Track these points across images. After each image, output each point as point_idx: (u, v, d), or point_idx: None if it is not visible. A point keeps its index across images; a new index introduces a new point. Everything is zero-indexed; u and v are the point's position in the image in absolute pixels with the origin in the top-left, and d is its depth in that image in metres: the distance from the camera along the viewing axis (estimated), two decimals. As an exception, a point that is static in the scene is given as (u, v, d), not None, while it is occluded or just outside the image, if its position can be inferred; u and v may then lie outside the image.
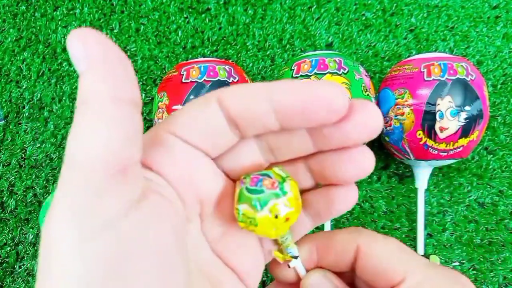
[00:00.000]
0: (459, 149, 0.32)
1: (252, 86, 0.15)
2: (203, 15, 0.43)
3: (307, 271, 0.20)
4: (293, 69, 0.33)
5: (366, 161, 0.16)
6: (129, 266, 0.12)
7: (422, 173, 0.35)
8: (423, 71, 0.32)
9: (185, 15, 0.43)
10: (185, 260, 0.15)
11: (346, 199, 0.18)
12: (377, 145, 0.39)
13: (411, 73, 0.33)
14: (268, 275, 0.37)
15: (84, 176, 0.12)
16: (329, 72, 0.32)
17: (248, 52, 0.42)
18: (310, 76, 0.32)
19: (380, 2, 0.43)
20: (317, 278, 0.20)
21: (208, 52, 0.42)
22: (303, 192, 0.19)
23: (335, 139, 0.16)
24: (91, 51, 0.12)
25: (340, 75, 0.32)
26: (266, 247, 0.19)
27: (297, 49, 0.42)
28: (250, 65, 0.42)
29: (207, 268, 0.17)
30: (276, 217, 0.16)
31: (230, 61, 0.40)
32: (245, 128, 0.16)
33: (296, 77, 0.32)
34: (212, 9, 0.43)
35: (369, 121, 0.15)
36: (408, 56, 0.38)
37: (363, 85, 0.33)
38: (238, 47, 0.42)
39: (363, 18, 0.42)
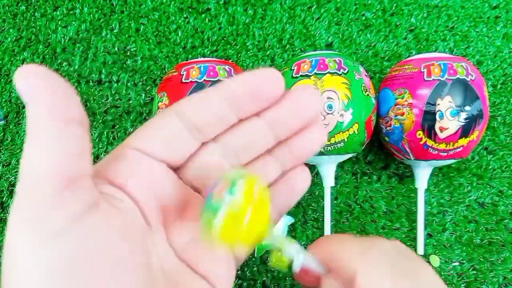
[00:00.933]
0: (459, 149, 0.32)
1: (206, 91, 0.18)
2: (203, 15, 0.43)
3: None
4: (293, 69, 0.33)
5: (320, 133, 0.20)
6: (81, 270, 0.13)
7: (422, 173, 0.35)
8: (423, 71, 0.32)
9: (185, 15, 0.43)
10: (142, 265, 0.15)
11: (304, 175, 0.21)
12: (377, 145, 0.39)
13: (411, 73, 0.33)
14: (268, 275, 0.37)
15: (32, 191, 0.13)
16: (329, 72, 0.32)
17: (248, 52, 0.42)
18: (310, 76, 0.32)
19: (380, 2, 0.43)
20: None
21: (208, 52, 0.42)
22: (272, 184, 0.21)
23: (289, 119, 0.19)
24: (32, 85, 0.13)
25: (340, 75, 0.32)
26: (238, 251, 0.20)
27: (297, 49, 0.42)
28: (250, 65, 0.42)
29: (174, 274, 0.17)
30: (232, 224, 0.16)
31: (230, 61, 0.40)
32: (206, 129, 0.18)
33: (296, 77, 0.32)
34: (212, 9, 0.43)
35: (306, 98, 0.19)
36: (408, 56, 0.38)
37: (363, 85, 0.33)
38: (238, 47, 0.42)
39: (363, 18, 0.42)
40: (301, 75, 0.32)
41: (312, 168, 0.38)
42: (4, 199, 0.40)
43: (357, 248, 0.18)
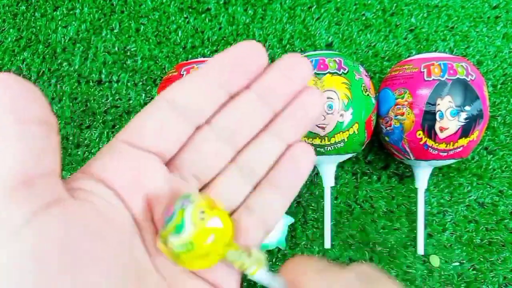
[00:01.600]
0: (459, 149, 0.32)
1: (192, 73, 0.18)
2: (203, 15, 0.43)
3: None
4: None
5: (316, 96, 0.20)
6: (42, 267, 0.13)
7: (422, 173, 0.35)
8: (423, 71, 0.32)
9: (185, 15, 0.43)
10: (115, 264, 0.15)
11: (307, 150, 0.20)
12: (377, 145, 0.39)
13: (411, 73, 0.33)
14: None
15: None
16: (329, 72, 0.32)
17: (248, 52, 0.42)
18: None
19: (380, 2, 0.43)
20: None
21: (208, 52, 0.42)
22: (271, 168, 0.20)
23: (280, 87, 0.19)
24: None
25: (340, 75, 0.32)
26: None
27: (297, 49, 0.42)
28: (250, 65, 0.42)
29: (171, 272, 0.17)
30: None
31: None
32: (197, 112, 0.18)
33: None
34: (212, 9, 0.43)
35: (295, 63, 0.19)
36: (408, 56, 0.38)
37: (363, 85, 0.33)
38: (238, 47, 0.42)
39: (363, 18, 0.42)
40: (301, 75, 0.32)
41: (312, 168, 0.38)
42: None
43: (322, 283, 0.17)
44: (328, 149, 0.33)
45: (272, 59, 0.42)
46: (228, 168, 0.19)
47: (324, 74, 0.32)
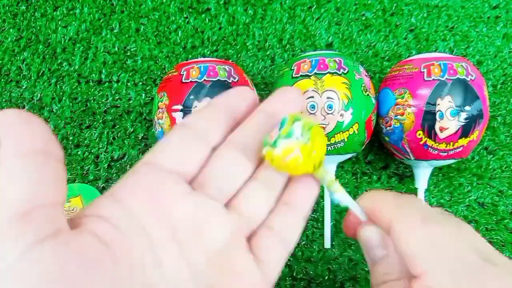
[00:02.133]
0: (459, 149, 0.32)
1: (206, 106, 0.22)
2: (203, 15, 0.43)
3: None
4: (293, 69, 0.33)
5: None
6: None
7: (422, 173, 0.35)
8: (423, 71, 0.32)
9: (185, 15, 0.43)
10: None
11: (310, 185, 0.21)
12: (377, 145, 0.39)
13: (411, 73, 0.33)
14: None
15: None
16: (329, 72, 0.32)
17: (248, 52, 0.42)
18: (310, 76, 0.32)
19: (380, 2, 0.43)
20: (375, 231, 0.20)
21: (208, 52, 0.42)
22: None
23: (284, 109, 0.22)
24: None
25: (340, 75, 0.32)
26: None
27: (297, 49, 0.42)
28: (250, 65, 0.42)
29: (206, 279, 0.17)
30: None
31: (230, 61, 0.40)
32: (213, 133, 0.20)
33: (296, 77, 0.32)
34: (212, 9, 0.43)
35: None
36: (408, 56, 0.38)
37: (363, 85, 0.33)
38: (238, 47, 0.42)
39: (363, 18, 0.42)
40: (301, 75, 0.32)
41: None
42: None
43: (394, 202, 0.20)
44: (328, 149, 0.33)
45: (272, 59, 0.42)
46: (250, 181, 0.20)
47: (324, 74, 0.32)
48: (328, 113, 0.31)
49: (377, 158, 0.40)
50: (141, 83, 0.42)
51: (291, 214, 0.21)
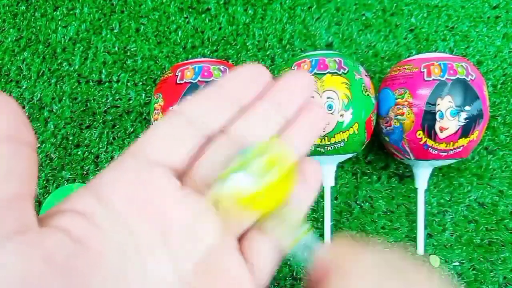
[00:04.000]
0: (459, 149, 0.32)
1: (203, 91, 0.19)
2: (203, 15, 0.43)
3: None
4: (293, 69, 0.33)
5: (320, 111, 0.21)
6: None
7: (422, 173, 0.35)
8: (423, 71, 0.32)
9: (185, 15, 0.43)
10: None
11: (316, 167, 0.20)
12: (377, 145, 0.39)
13: (411, 73, 0.33)
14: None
15: None
16: (329, 72, 0.32)
17: (248, 52, 0.42)
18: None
19: (380, 2, 0.43)
20: None
21: (208, 52, 0.42)
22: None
23: (290, 97, 0.20)
24: None
25: (340, 75, 0.32)
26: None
27: (297, 49, 0.42)
28: (250, 65, 0.42)
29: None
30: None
31: (230, 61, 0.40)
32: (209, 121, 0.18)
33: (296, 77, 0.32)
34: (212, 9, 0.43)
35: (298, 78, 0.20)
36: (408, 56, 0.38)
37: (363, 85, 0.33)
38: (238, 47, 0.42)
39: (363, 18, 0.42)
40: (301, 75, 0.32)
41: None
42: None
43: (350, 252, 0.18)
44: (328, 149, 0.33)
45: (272, 59, 0.42)
46: None
47: (324, 74, 0.32)
48: (328, 113, 0.31)
49: (377, 158, 0.40)
50: (141, 83, 0.42)
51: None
